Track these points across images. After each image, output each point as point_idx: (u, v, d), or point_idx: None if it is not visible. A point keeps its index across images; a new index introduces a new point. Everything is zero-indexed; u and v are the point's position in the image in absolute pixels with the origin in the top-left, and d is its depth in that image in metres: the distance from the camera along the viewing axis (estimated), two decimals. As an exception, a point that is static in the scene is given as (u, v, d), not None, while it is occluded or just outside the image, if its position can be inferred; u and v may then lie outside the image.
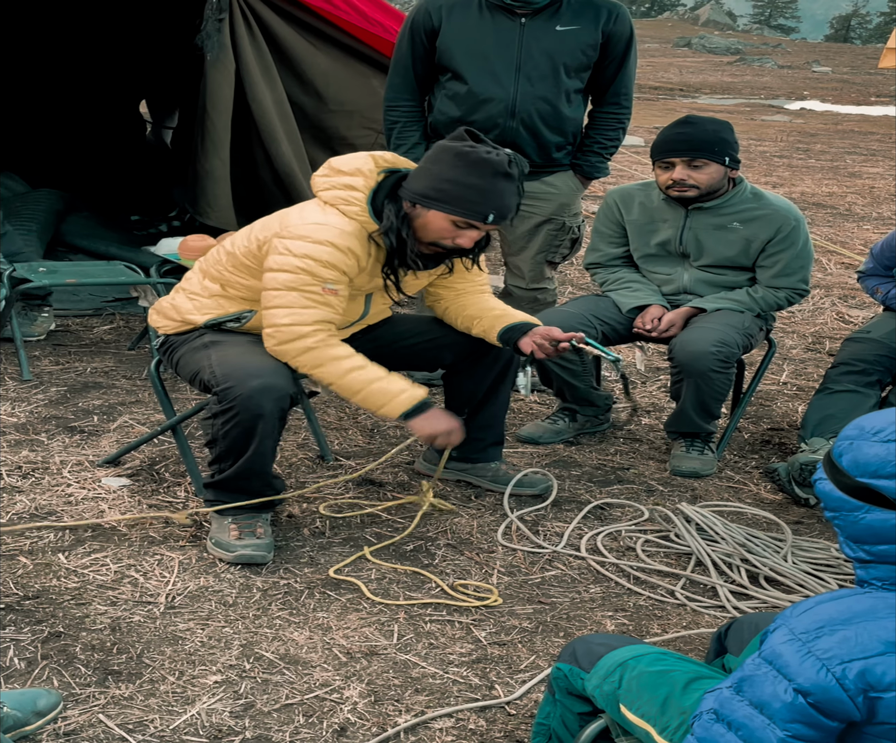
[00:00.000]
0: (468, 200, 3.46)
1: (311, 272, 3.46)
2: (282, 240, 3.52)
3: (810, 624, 1.72)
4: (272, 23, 5.85)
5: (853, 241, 9.13)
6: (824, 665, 1.68)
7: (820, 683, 1.68)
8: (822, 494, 1.84)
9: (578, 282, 7.39)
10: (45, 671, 2.87)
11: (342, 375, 3.50)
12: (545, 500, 4.04)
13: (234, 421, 3.40)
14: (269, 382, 3.42)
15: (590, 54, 4.75)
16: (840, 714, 1.69)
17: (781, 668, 1.72)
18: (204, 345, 3.65)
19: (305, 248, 3.48)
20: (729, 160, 4.38)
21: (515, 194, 3.51)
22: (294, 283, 3.48)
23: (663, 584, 3.50)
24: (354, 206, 3.55)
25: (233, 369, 3.45)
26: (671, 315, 4.48)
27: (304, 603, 3.29)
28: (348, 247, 3.50)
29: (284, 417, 3.52)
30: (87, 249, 7.07)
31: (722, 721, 1.78)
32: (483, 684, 2.94)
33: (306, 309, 3.48)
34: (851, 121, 21.67)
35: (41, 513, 3.73)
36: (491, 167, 3.45)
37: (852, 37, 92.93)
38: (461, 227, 3.50)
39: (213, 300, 3.74)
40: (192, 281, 3.84)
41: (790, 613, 1.77)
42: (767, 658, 1.74)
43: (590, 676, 2.24)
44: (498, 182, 3.45)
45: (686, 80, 32.06)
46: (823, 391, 4.40)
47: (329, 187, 3.61)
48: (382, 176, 3.58)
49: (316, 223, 3.53)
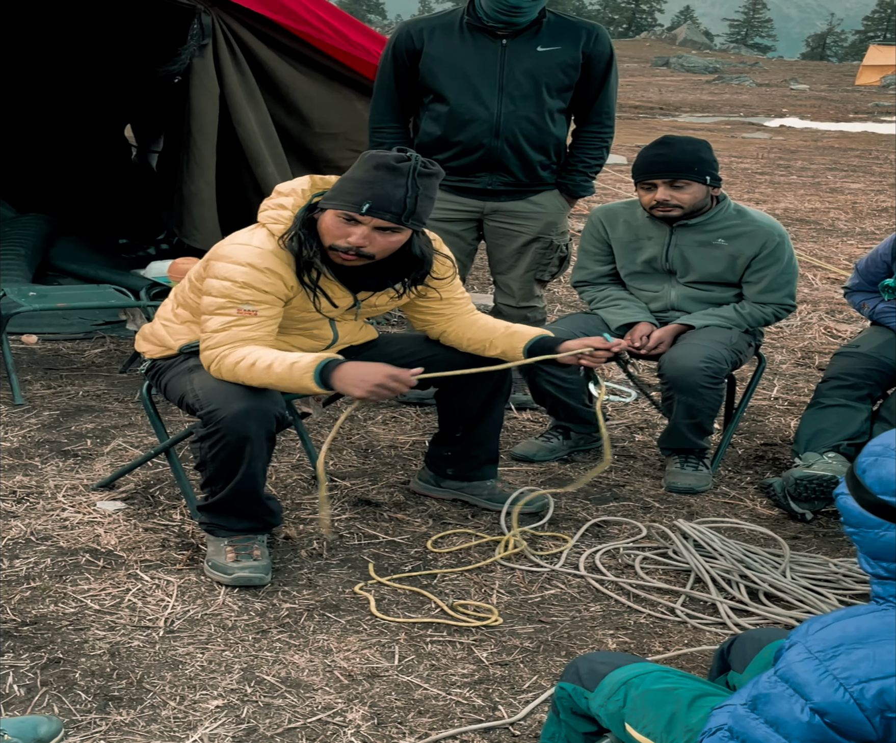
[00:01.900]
0: (345, 192, 3.47)
1: (228, 294, 3.47)
2: (211, 262, 3.57)
3: (827, 642, 1.71)
4: (255, 48, 5.88)
5: (838, 256, 9.18)
6: (841, 685, 1.68)
7: (837, 703, 1.68)
8: (843, 508, 1.84)
9: (567, 300, 7.41)
10: (45, 698, 2.85)
11: (250, 373, 3.40)
12: (542, 518, 4.04)
13: (220, 444, 3.39)
14: (253, 403, 3.40)
15: (571, 74, 4.80)
16: (856, 734, 1.69)
17: (798, 686, 1.71)
18: (188, 369, 3.65)
19: (225, 270, 3.49)
20: (710, 179, 4.40)
21: (401, 187, 3.41)
22: (213, 307, 3.50)
23: (663, 601, 3.50)
24: (280, 225, 3.55)
25: (216, 392, 3.44)
26: (660, 332, 4.49)
27: (303, 625, 3.27)
28: (267, 267, 3.49)
29: (273, 437, 3.51)
30: (75, 273, 7.06)
31: (737, 739, 1.77)
32: (486, 705, 2.93)
33: (217, 333, 3.47)
34: (831, 137, 21.83)
35: (37, 538, 3.71)
36: (375, 161, 3.46)
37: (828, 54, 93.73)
38: (346, 223, 3.46)
39: (185, 326, 3.75)
40: (166, 308, 3.87)
41: (806, 631, 1.76)
42: (784, 676, 1.74)
43: (594, 694, 2.23)
44: (378, 173, 3.42)
45: (666, 99, 32.26)
46: (815, 406, 4.41)
47: (265, 208, 3.64)
48: (318, 199, 3.58)
49: (240, 243, 3.56)
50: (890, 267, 4.43)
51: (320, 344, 3.77)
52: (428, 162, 3.51)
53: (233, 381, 3.44)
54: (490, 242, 5.11)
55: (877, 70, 46.69)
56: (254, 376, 3.40)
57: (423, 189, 3.47)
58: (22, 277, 6.51)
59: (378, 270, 3.64)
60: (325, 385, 3.36)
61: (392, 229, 3.48)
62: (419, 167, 3.44)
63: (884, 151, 18.69)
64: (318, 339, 3.76)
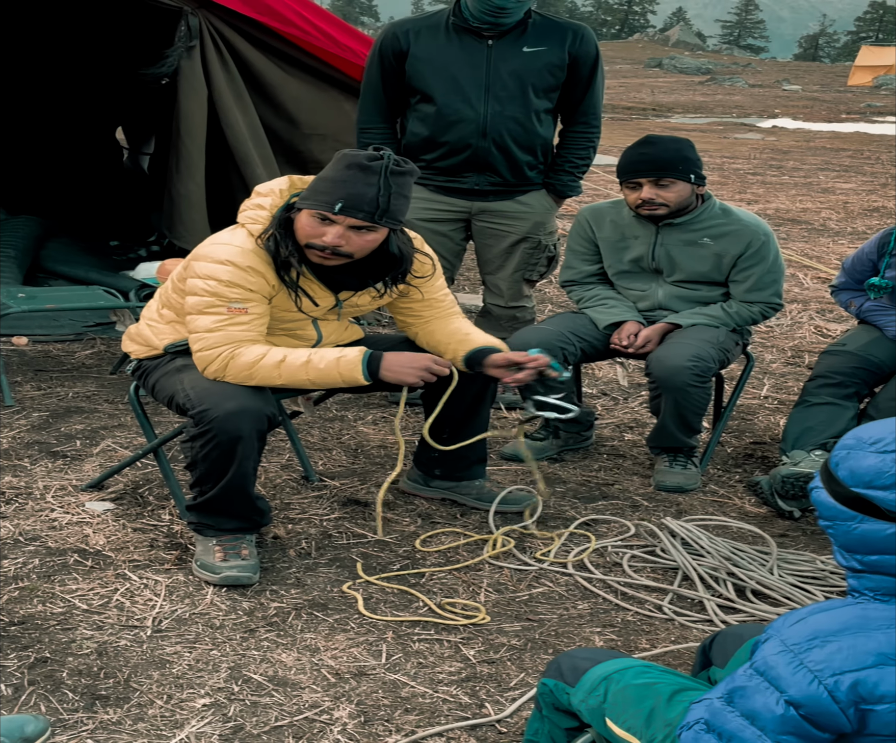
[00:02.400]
0: (319, 192, 3.49)
1: (215, 293, 3.48)
2: (192, 263, 3.58)
3: (802, 635, 1.72)
4: (243, 49, 5.89)
5: (829, 256, 9.20)
6: (816, 677, 1.69)
7: (812, 695, 1.69)
8: (817, 502, 1.85)
9: (558, 300, 7.42)
10: (31, 697, 2.85)
11: (277, 370, 3.44)
12: (531, 516, 4.05)
13: (212, 443, 3.39)
14: (246, 403, 3.41)
15: (557, 75, 4.82)
16: (831, 726, 1.70)
17: (773, 679, 1.72)
18: (177, 368, 3.65)
19: (208, 269, 3.50)
20: (694, 177, 4.42)
21: (373, 186, 3.41)
22: (201, 306, 3.51)
23: (651, 599, 3.51)
24: (258, 224, 3.56)
25: (207, 392, 3.44)
26: (647, 331, 4.51)
27: (291, 624, 3.28)
28: (248, 265, 3.50)
29: (264, 437, 3.51)
30: (66, 275, 7.06)
31: (713, 731, 1.78)
32: (473, 703, 2.94)
33: (212, 332, 3.48)
34: (823, 138, 21.86)
35: (25, 538, 3.71)
36: (347, 160, 3.47)
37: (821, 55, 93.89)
38: (321, 223, 3.48)
39: (170, 326, 3.76)
40: (151, 308, 3.88)
41: (781, 624, 1.77)
42: (759, 669, 1.75)
43: (575, 690, 2.24)
44: (350, 172, 3.43)
45: (658, 100, 32.28)
46: (802, 404, 4.42)
47: (244, 209, 3.65)
48: (295, 199, 3.59)
49: (220, 243, 3.57)
50: (876, 265, 4.45)
51: (304, 344, 3.77)
52: (401, 160, 3.51)
53: (241, 382, 3.45)
54: (478, 243, 5.12)
55: (869, 71, 46.78)
56: (283, 374, 3.44)
57: (395, 187, 3.47)
58: (12, 279, 6.50)
59: (358, 270, 3.64)
60: (373, 377, 3.45)
61: (367, 228, 3.49)
62: (391, 166, 3.45)
63: (875, 152, 18.72)
64: (302, 340, 3.77)
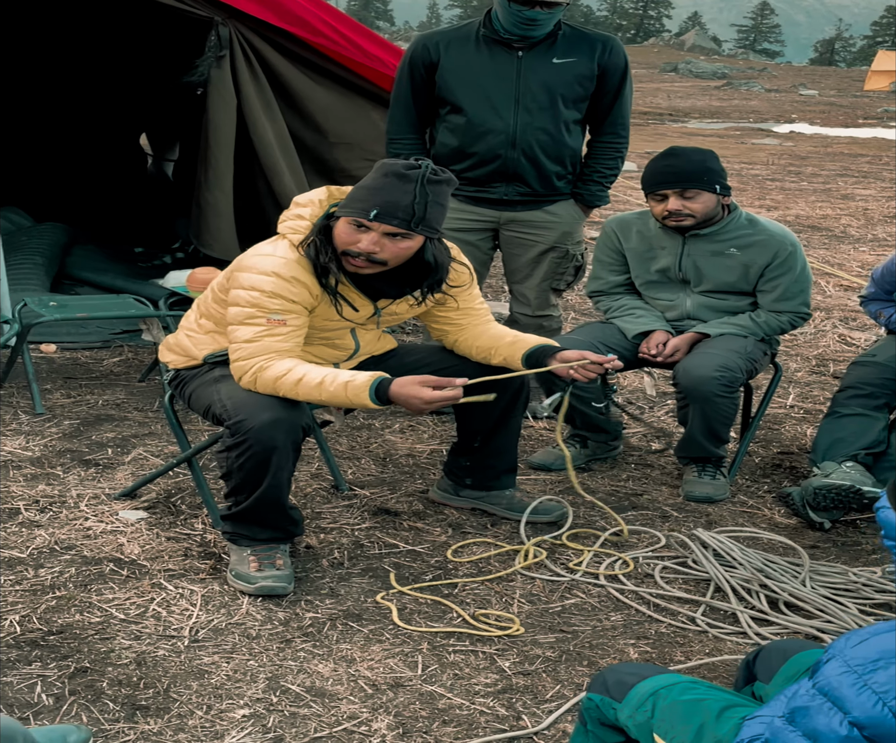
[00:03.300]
0: (356, 199, 3.52)
1: (257, 304, 3.50)
2: (235, 273, 3.60)
3: (866, 657, 1.73)
4: (272, 59, 5.94)
5: (850, 263, 9.19)
6: (881, 699, 1.70)
7: (876, 717, 1.70)
8: (884, 521, 1.85)
9: (581, 308, 7.43)
10: (73, 707, 2.87)
11: (295, 389, 3.44)
12: (561, 527, 4.06)
13: (247, 454, 3.42)
14: (281, 414, 3.43)
15: (586, 86, 4.84)
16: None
17: (837, 700, 1.73)
18: (215, 379, 3.68)
19: (252, 280, 3.52)
20: (720, 188, 4.43)
21: (409, 193, 3.45)
22: (241, 317, 3.53)
23: (683, 611, 3.52)
24: (300, 235, 3.59)
25: (243, 403, 3.47)
26: (676, 340, 4.52)
27: (326, 635, 3.29)
28: (292, 275, 3.52)
29: (299, 448, 3.54)
30: (92, 282, 7.10)
31: (773, 750, 1.80)
32: (510, 715, 2.95)
33: (249, 343, 3.50)
34: (841, 143, 21.83)
35: (61, 547, 3.74)
36: (385, 169, 3.50)
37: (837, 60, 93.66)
38: (356, 230, 3.50)
39: (209, 336, 3.78)
40: (189, 318, 3.90)
41: (844, 645, 1.78)
42: (822, 689, 1.76)
43: (622, 705, 2.25)
44: (388, 180, 3.46)
45: (675, 105, 32.27)
46: (832, 415, 4.43)
47: (284, 220, 3.68)
48: (335, 209, 3.61)
49: (263, 254, 3.60)
50: (905, 275, 4.45)
51: (342, 354, 3.80)
52: (438, 169, 3.53)
53: (270, 393, 3.47)
54: (506, 252, 5.13)
55: (886, 75, 46.64)
56: (300, 392, 3.44)
57: (432, 196, 3.49)
58: (39, 287, 6.55)
59: (394, 278, 3.66)
60: (381, 402, 3.42)
61: (402, 235, 3.51)
62: (429, 174, 3.47)
63: (894, 157, 18.68)
64: (340, 349, 3.79)
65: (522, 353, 3.82)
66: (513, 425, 4.12)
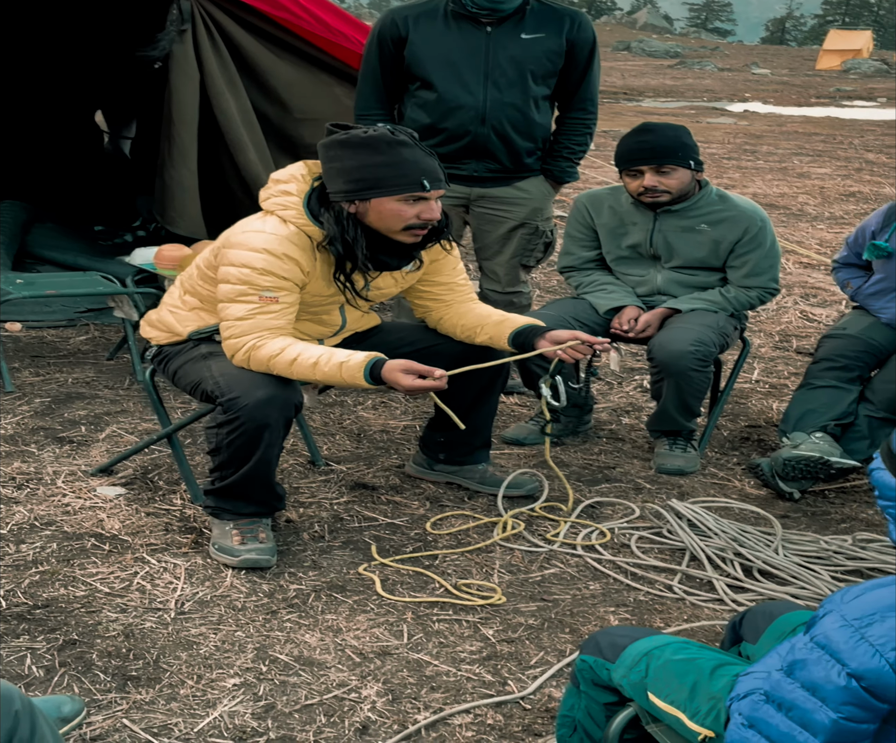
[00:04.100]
0: (395, 176, 3.52)
1: (248, 281, 3.51)
2: (224, 250, 3.61)
3: (862, 610, 1.80)
4: (235, 34, 5.89)
5: (809, 241, 9.32)
6: (878, 651, 1.77)
7: (873, 668, 1.77)
8: (879, 483, 1.92)
9: (546, 285, 7.49)
10: (64, 678, 2.90)
11: (290, 368, 3.47)
12: (536, 500, 4.11)
13: (239, 430, 3.44)
14: (276, 391, 3.46)
15: (555, 61, 4.86)
16: (891, 697, 1.77)
17: (835, 653, 1.80)
18: (203, 356, 3.68)
19: (242, 257, 3.53)
20: (693, 163, 4.49)
21: (428, 155, 3.57)
22: (232, 294, 3.54)
23: (660, 579, 3.59)
24: (291, 210, 3.60)
25: (237, 380, 3.48)
26: (647, 316, 4.58)
27: (311, 606, 3.33)
28: (284, 252, 3.54)
29: (289, 424, 3.57)
30: (55, 260, 7.06)
31: (772, 703, 1.86)
32: (496, 681, 3.01)
33: (242, 321, 3.52)
34: (795, 122, 22.02)
35: (41, 523, 3.74)
36: (385, 139, 3.53)
37: (788, 39, 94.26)
38: (414, 204, 3.55)
39: (193, 313, 3.78)
40: (172, 294, 3.90)
41: (840, 599, 1.85)
42: (820, 643, 1.82)
43: (616, 666, 2.30)
44: (405, 150, 3.53)
45: (629, 84, 32.37)
46: (805, 386, 4.50)
47: (268, 196, 3.68)
48: (318, 182, 3.64)
49: (253, 231, 3.60)
50: (876, 237, 4.52)
51: (328, 330, 3.82)
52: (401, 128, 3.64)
53: (263, 371, 3.49)
54: (476, 228, 5.16)
55: (837, 54, 47.07)
56: (294, 371, 3.46)
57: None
58: (2, 265, 6.50)
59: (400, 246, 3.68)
60: (375, 382, 3.46)
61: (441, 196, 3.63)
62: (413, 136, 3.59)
63: (848, 136, 18.88)
64: (327, 325, 3.81)
65: (510, 334, 3.85)
66: (490, 403, 4.16)
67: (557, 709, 2.56)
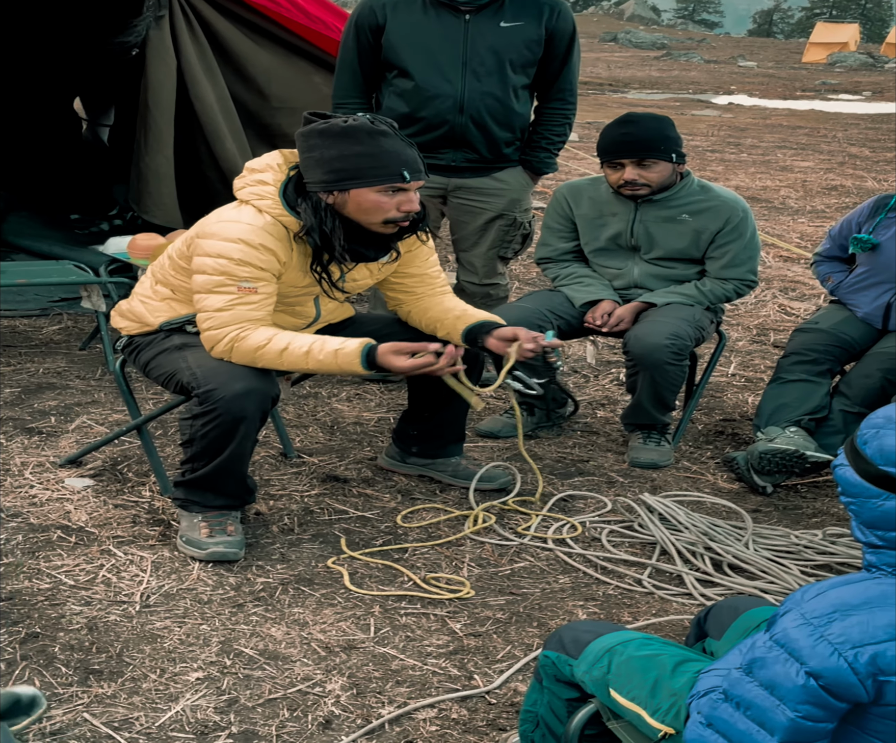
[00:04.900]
0: (374, 167, 3.48)
1: (226, 272, 3.47)
2: (199, 240, 3.57)
3: (822, 609, 1.78)
4: (213, 20, 5.85)
5: (790, 235, 9.31)
6: (836, 650, 1.75)
7: (832, 667, 1.75)
8: (841, 479, 1.90)
9: (525, 277, 7.46)
10: (25, 672, 2.87)
11: (280, 358, 3.46)
12: (509, 493, 4.09)
13: (214, 422, 3.41)
14: (254, 384, 3.43)
15: (534, 50, 4.83)
16: (849, 696, 1.76)
17: (794, 651, 1.78)
18: (177, 347, 3.65)
19: (218, 247, 3.49)
20: (675, 156, 4.47)
21: (406, 145, 3.53)
22: (210, 285, 3.50)
23: (630, 573, 3.57)
24: (267, 200, 3.56)
25: (214, 372, 3.45)
26: (620, 310, 4.56)
27: (278, 599, 3.31)
28: (260, 243, 3.50)
29: (266, 418, 3.55)
30: (29, 249, 7.01)
31: (731, 701, 1.84)
32: (462, 675, 2.99)
33: (221, 312, 3.48)
34: (779, 115, 22.03)
35: (7, 514, 3.71)
36: (365, 129, 3.49)
37: (775, 31, 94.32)
38: (393, 195, 3.51)
39: (165, 303, 3.75)
40: (144, 285, 3.86)
41: (801, 597, 1.83)
42: (780, 641, 1.80)
43: (578, 662, 2.29)
44: (385, 140, 3.49)
45: (615, 75, 32.37)
46: (776, 381, 4.49)
47: (243, 186, 3.64)
48: (294, 171, 3.60)
49: (228, 220, 3.56)
50: (861, 229, 4.51)
51: (302, 321, 3.79)
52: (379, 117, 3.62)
53: (247, 363, 3.46)
54: (453, 219, 5.13)
55: (823, 47, 47.10)
56: (285, 361, 3.44)
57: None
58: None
59: (377, 237, 3.65)
60: (371, 367, 3.45)
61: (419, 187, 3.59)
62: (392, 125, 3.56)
63: (832, 130, 18.90)
64: (300, 317, 3.78)
65: (463, 330, 3.84)
66: (464, 398, 4.13)
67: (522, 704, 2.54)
